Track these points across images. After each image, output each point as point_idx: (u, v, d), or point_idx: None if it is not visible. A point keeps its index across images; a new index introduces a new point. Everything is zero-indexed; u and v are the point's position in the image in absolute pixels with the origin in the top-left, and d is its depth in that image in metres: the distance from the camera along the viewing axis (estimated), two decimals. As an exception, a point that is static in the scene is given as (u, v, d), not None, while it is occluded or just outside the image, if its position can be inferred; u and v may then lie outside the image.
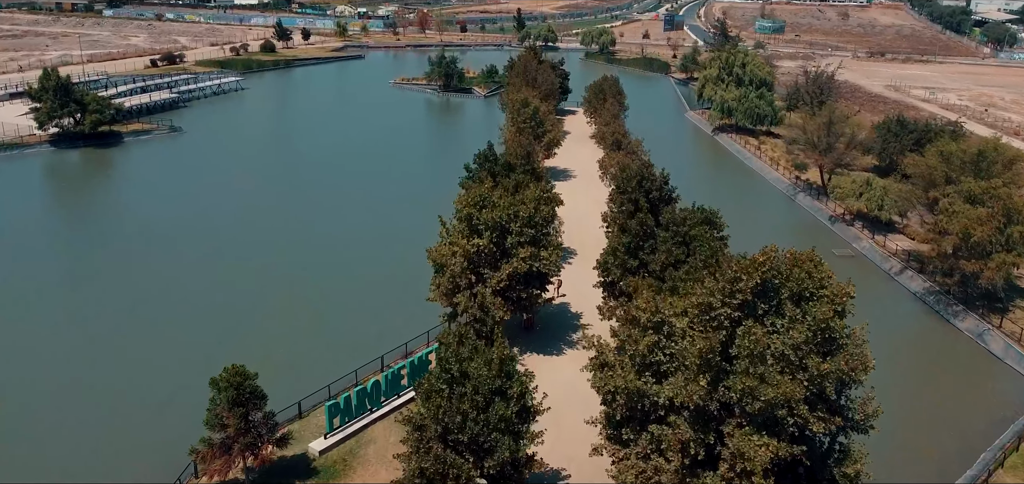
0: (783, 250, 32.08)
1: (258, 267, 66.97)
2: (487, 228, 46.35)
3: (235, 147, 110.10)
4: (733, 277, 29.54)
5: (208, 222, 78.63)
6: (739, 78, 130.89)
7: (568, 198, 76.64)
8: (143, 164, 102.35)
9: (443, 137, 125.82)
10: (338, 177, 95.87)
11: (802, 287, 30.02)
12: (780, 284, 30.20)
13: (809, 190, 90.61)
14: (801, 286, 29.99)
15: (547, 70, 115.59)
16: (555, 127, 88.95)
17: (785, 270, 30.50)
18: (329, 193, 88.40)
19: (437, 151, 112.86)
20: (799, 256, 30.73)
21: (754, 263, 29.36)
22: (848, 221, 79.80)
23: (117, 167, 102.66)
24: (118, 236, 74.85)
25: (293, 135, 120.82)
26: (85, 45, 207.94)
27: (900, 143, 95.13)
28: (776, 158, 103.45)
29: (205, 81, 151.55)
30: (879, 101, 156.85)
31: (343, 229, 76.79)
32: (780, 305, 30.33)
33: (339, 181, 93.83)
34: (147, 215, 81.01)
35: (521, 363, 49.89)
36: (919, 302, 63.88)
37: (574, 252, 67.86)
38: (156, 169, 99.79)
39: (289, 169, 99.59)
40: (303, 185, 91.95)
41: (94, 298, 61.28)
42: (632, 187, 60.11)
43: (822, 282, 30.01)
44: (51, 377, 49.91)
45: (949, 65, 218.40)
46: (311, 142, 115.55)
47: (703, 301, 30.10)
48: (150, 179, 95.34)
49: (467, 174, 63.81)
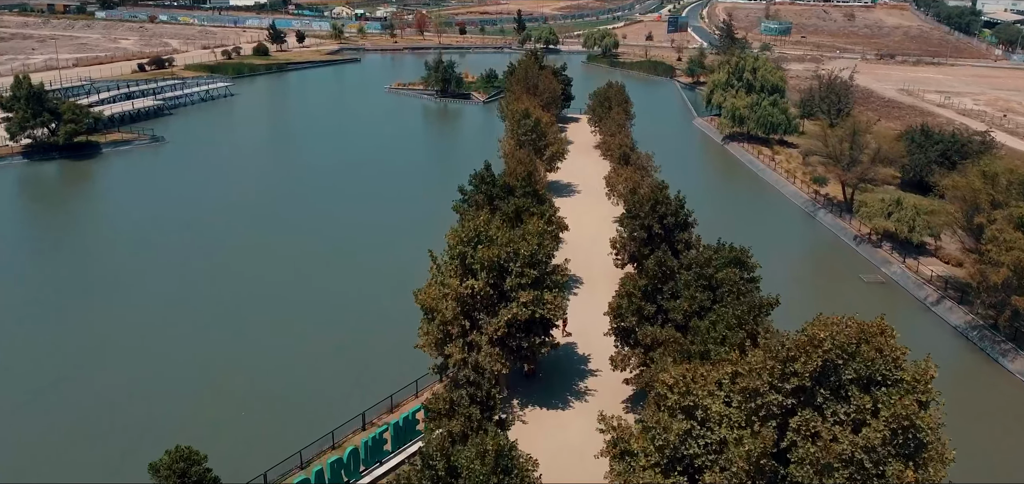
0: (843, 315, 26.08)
1: (227, 303, 60.40)
2: (482, 268, 40.36)
3: (217, 160, 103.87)
4: (786, 357, 23.58)
5: (179, 246, 72.30)
6: (750, 84, 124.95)
7: (572, 218, 70.81)
8: (118, 179, 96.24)
9: (439, 149, 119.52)
10: (323, 195, 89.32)
11: (872, 368, 24.06)
12: (844, 363, 24.22)
13: (830, 206, 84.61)
14: (871, 367, 24.03)
15: (548, 76, 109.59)
16: (557, 140, 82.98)
17: (849, 345, 24.53)
18: (312, 214, 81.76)
19: (433, 165, 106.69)
20: (867, 328, 24.76)
21: (812, 342, 23.40)
22: (875, 242, 73.80)
23: (89, 182, 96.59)
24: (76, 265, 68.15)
25: (280, 147, 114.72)
26: (73, 48, 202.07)
27: (925, 155, 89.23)
28: (792, 170, 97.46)
29: (192, 87, 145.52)
30: (893, 107, 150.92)
31: (325, 258, 69.47)
32: (843, 389, 24.38)
33: (324, 200, 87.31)
34: (114, 239, 75.04)
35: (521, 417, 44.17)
36: (961, 338, 57.87)
37: (580, 281, 61.85)
38: (130, 184, 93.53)
39: (272, 186, 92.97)
40: (285, 204, 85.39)
41: (27, 354, 54.53)
42: (645, 212, 54.30)
43: (897, 361, 24.03)
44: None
45: (961, 68, 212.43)
46: (298, 155, 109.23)
47: (749, 385, 24.12)
48: (122, 196, 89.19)
49: (462, 197, 57.79)
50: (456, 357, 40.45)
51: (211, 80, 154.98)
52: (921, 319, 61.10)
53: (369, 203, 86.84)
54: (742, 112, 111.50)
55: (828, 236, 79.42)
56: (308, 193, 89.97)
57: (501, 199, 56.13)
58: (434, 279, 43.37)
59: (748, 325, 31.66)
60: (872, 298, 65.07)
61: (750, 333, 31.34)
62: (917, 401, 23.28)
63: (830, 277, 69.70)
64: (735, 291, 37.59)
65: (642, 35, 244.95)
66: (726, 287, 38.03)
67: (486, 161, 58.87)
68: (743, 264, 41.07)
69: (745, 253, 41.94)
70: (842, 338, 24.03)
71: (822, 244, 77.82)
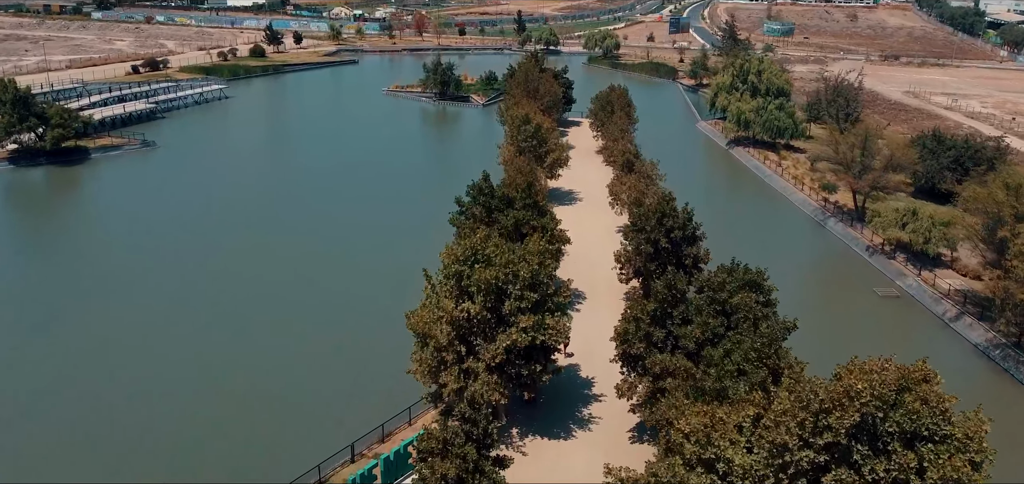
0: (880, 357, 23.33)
1: (209, 320, 57.54)
2: (479, 291, 37.63)
3: (208, 166, 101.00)
4: (819, 409, 20.87)
5: (163, 258, 69.56)
6: (754, 87, 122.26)
7: (574, 228, 68.21)
8: (105, 185, 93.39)
9: (437, 154, 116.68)
10: (316, 204, 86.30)
11: (917, 422, 21.33)
12: (884, 415, 21.51)
13: (840, 215, 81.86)
14: (916, 421, 21.30)
15: (549, 79, 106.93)
16: (559, 146, 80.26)
17: (889, 394, 21.81)
18: (304, 225, 78.53)
19: (431, 170, 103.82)
20: (909, 374, 22.02)
21: (849, 394, 20.68)
22: (888, 253, 71.07)
23: (76, 188, 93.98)
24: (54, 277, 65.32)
25: (273, 152, 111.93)
26: (67, 50, 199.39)
27: (938, 161, 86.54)
28: (800, 177, 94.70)
29: (186, 89, 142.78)
30: (900, 110, 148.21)
31: (314, 271, 66.42)
32: (882, 442, 21.66)
33: (317, 209, 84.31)
34: (98, 247, 72.42)
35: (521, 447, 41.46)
36: (983, 357, 55.12)
37: (582, 296, 59.12)
38: (118, 192, 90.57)
39: (262, 194, 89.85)
40: (275, 212, 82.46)
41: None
42: (651, 225, 51.58)
43: (945, 413, 21.31)
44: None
45: (966, 69, 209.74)
46: (291, 160, 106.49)
47: (777, 439, 21.41)
48: (109, 204, 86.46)
49: (459, 209, 55.04)
50: (451, 386, 37.76)
51: (205, 83, 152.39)
52: (939, 337, 58.35)
53: (363, 211, 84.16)
54: (747, 116, 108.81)
55: (839, 246, 76.68)
56: (299, 200, 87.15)
57: (500, 211, 53.44)
58: (428, 300, 40.65)
59: (770, 359, 28.99)
60: (887, 313, 62.47)
61: (772, 369, 28.67)
62: (970, 461, 20.64)
63: (842, 290, 66.98)
64: (751, 317, 34.89)
65: (643, 36, 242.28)
66: (741, 313, 35.32)
67: (484, 171, 56.11)
68: (759, 287, 38.31)
69: (761, 275, 39.14)
70: (881, 387, 21.31)
71: (833, 255, 75.09)
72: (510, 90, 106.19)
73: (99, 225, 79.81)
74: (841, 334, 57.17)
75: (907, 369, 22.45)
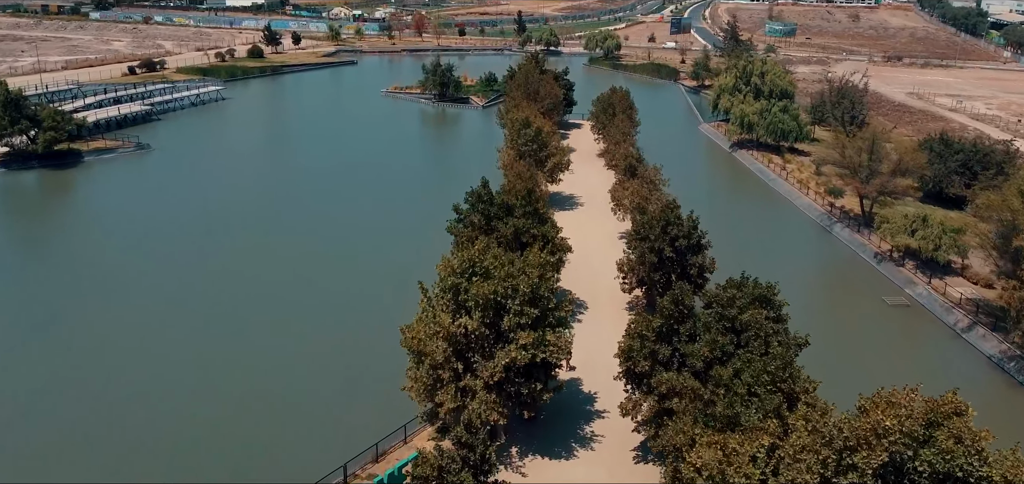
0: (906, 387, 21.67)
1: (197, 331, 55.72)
2: (477, 306, 35.99)
3: (204, 169, 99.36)
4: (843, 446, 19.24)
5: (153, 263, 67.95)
6: (758, 89, 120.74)
7: (576, 234, 66.76)
8: (97, 189, 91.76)
9: (436, 157, 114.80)
10: (312, 207, 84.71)
11: (951, 462, 19.68)
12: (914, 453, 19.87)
13: (847, 220, 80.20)
14: (949, 461, 19.66)
15: (550, 81, 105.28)
16: (560, 150, 78.60)
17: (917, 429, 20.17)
18: (298, 229, 77.08)
19: (429, 174, 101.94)
20: (938, 408, 20.38)
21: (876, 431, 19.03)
22: (897, 260, 69.41)
23: (69, 192, 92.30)
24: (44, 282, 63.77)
25: (268, 155, 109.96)
26: (63, 50, 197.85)
27: (945, 165, 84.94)
28: (805, 181, 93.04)
29: (182, 91, 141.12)
30: (904, 111, 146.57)
31: (310, 279, 64.82)
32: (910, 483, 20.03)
33: (313, 213, 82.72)
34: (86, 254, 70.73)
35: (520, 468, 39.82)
36: (997, 370, 53.44)
37: (584, 306, 57.48)
38: (110, 196, 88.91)
39: (258, 198, 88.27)
40: (270, 218, 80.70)
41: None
42: (655, 234, 49.96)
43: (981, 452, 19.66)
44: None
45: (970, 70, 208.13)
46: (287, 163, 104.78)
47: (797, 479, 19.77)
48: (100, 208, 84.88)
49: (457, 217, 53.41)
50: (448, 405, 36.14)
51: (202, 84, 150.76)
52: (951, 348, 56.70)
53: (359, 215, 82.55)
54: (751, 118, 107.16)
55: (846, 253, 75.00)
56: (295, 203, 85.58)
57: (499, 219, 51.81)
58: (424, 314, 39.01)
59: (784, 383, 27.34)
60: (897, 322, 60.83)
61: (787, 394, 27.04)
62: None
63: (851, 298, 65.31)
64: (762, 335, 33.24)
65: (644, 36, 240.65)
66: (751, 330, 33.67)
67: (483, 178, 54.45)
68: (769, 302, 36.64)
69: (771, 290, 37.45)
70: (910, 423, 19.67)
71: (840, 261, 73.41)
72: (510, 92, 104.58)
73: (90, 229, 78.19)
74: (851, 345, 55.58)
75: (937, 402, 20.81)
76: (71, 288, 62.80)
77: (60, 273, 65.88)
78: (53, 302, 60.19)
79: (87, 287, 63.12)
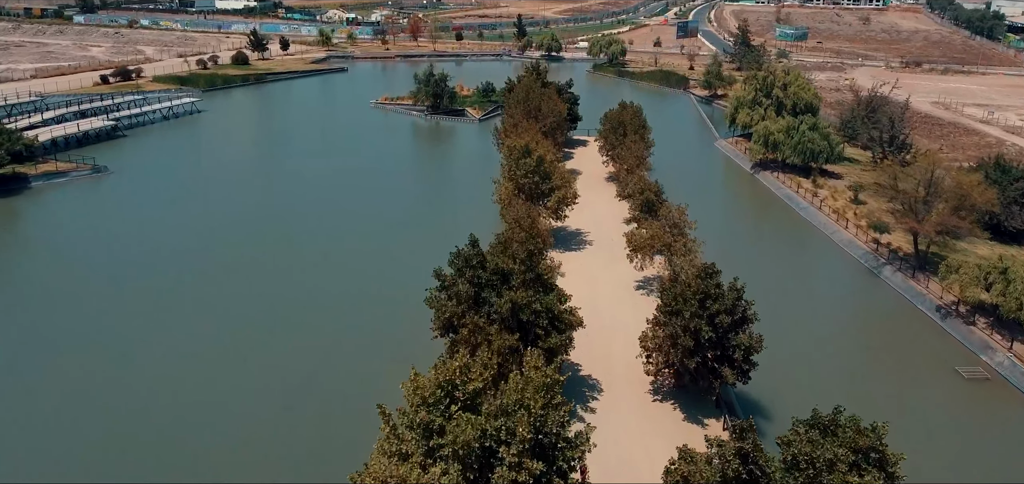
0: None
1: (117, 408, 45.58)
2: (457, 456, 25.21)
3: (164, 197, 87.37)
4: None
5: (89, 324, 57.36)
6: (780, 102, 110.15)
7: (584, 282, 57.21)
8: (40, 223, 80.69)
9: (426, 183, 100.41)
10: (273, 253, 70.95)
11: None
12: None
13: (897, 261, 69.39)
14: None
15: (552, 96, 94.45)
16: (565, 182, 67.74)
17: None
18: (252, 274, 65.57)
19: (417, 208, 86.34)
20: None
21: None
22: (966, 316, 58.61)
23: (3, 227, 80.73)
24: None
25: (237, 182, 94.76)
26: (37, 57, 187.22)
27: (1004, 194, 74.13)
28: (840, 210, 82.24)
29: (154, 103, 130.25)
30: (932, 124, 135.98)
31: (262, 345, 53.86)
32: None
33: (273, 260, 69.31)
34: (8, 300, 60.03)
35: None
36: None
37: (597, 388, 46.57)
38: (53, 230, 77.73)
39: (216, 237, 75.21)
40: (226, 262, 68.76)
41: None
42: (691, 312, 39.20)
43: None
44: None
45: (992, 77, 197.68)
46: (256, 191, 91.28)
47: None
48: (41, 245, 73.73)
49: (439, 283, 42.51)
50: None
51: (177, 95, 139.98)
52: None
53: (331, 271, 67.27)
54: (776, 137, 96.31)
55: (901, 304, 64.02)
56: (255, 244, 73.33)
57: (492, 288, 41.05)
58: (383, 449, 28.22)
59: None
60: (978, 404, 50.03)
61: None
62: None
63: (915, 367, 54.41)
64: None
65: (649, 40, 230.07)
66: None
67: (471, 235, 43.44)
68: (878, 459, 25.49)
69: (879, 437, 26.43)
70: None
71: (895, 314, 62.44)
72: (509, 108, 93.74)
73: (23, 272, 67.22)
74: (929, 438, 44.79)
75: None
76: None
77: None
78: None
79: None
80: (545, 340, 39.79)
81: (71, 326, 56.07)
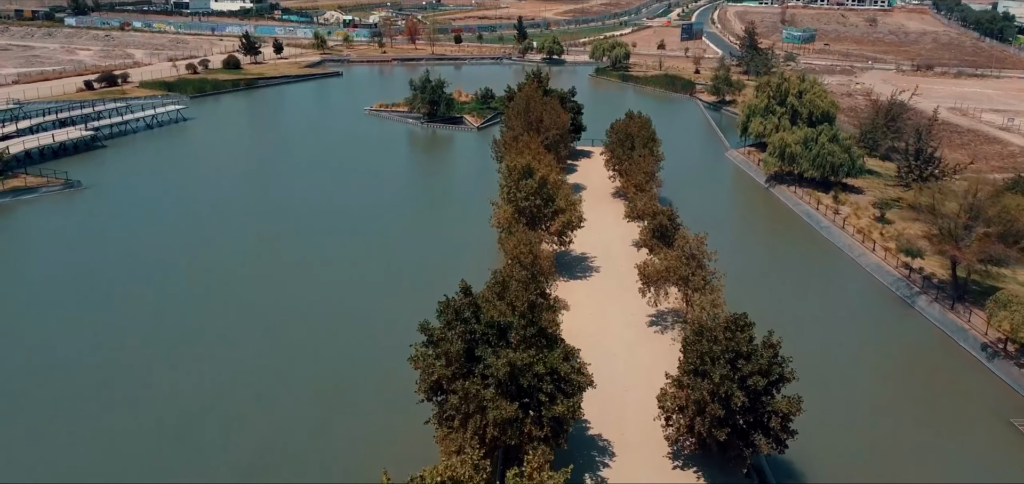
0: None
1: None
2: None
3: (139, 216, 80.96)
4: None
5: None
6: (794, 110, 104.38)
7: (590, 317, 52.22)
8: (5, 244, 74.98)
9: (420, 200, 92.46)
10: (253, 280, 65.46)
11: None
12: None
13: (933, 289, 63.46)
14: None
15: (555, 106, 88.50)
16: (570, 205, 61.76)
17: None
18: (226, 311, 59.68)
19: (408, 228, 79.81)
20: None
21: None
22: (1014, 356, 52.72)
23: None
24: None
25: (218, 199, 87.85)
26: (22, 61, 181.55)
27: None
28: (865, 230, 76.37)
29: (138, 111, 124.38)
30: (951, 131, 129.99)
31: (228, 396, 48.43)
32: None
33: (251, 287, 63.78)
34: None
35: None
36: None
37: (608, 449, 40.63)
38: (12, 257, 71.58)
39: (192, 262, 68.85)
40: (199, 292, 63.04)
41: None
42: (721, 374, 33.31)
43: None
44: None
45: (1007, 81, 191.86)
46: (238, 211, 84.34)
47: None
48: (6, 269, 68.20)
49: (425, 338, 36.55)
50: None
51: (162, 102, 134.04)
52: None
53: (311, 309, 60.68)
54: (793, 149, 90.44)
55: (940, 340, 58.06)
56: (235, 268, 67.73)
57: (487, 344, 35.16)
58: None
59: None
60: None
61: None
62: None
63: (966, 418, 48.51)
64: None
65: (652, 42, 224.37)
66: None
67: (463, 282, 37.50)
68: None
69: None
70: None
71: (935, 353, 56.50)
72: (508, 120, 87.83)
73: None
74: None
75: None
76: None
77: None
78: None
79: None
80: (549, 408, 33.92)
81: (15, 368, 50.21)
